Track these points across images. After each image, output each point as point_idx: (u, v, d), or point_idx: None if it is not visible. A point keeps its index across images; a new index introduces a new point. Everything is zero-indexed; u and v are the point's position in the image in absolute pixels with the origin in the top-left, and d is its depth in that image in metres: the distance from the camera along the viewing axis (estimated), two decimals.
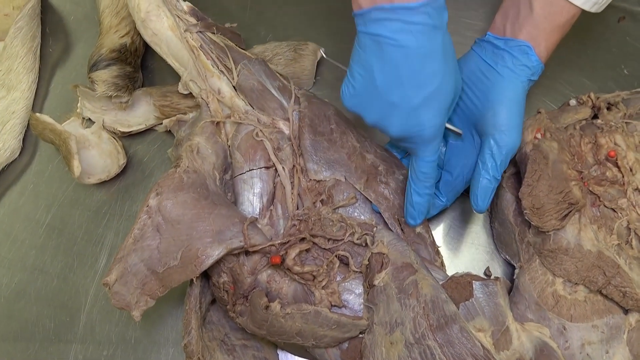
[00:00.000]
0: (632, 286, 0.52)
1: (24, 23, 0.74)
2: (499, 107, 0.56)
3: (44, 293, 0.66)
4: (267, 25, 0.78)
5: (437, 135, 0.53)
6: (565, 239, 0.54)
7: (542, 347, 0.52)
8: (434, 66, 0.49)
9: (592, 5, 0.56)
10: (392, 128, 0.52)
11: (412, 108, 0.50)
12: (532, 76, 0.57)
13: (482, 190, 0.57)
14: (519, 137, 0.56)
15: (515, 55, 0.56)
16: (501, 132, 0.56)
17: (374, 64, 0.50)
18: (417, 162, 0.55)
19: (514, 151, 0.57)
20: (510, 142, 0.56)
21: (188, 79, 0.65)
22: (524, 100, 0.57)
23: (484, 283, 0.53)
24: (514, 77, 0.56)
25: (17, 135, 0.72)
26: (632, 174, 0.57)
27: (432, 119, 0.51)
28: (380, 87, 0.50)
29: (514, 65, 0.56)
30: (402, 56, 0.48)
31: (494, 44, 0.58)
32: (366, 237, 0.57)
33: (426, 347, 0.49)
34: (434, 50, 0.49)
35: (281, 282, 0.56)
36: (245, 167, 0.60)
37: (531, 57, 0.56)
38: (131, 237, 0.54)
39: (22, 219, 0.70)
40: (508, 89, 0.56)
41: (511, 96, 0.56)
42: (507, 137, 0.55)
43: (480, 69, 0.59)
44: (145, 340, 0.64)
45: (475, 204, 0.57)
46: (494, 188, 0.57)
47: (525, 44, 0.56)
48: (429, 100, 0.50)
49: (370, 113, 0.53)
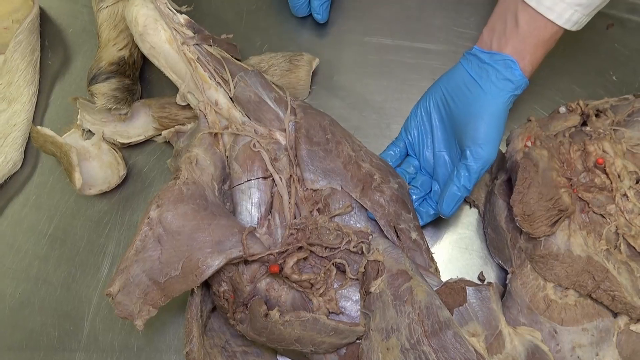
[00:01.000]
0: (620, 290, 0.53)
1: (24, 37, 0.75)
2: (478, 121, 0.58)
3: (47, 303, 0.67)
4: (263, 36, 0.80)
5: None
6: (555, 244, 0.56)
7: (534, 350, 0.53)
8: None
9: (572, 25, 0.57)
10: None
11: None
12: (515, 90, 0.58)
13: (450, 197, 0.59)
14: (494, 151, 0.58)
15: (498, 69, 0.58)
16: (477, 145, 0.58)
17: None
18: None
19: (488, 164, 0.58)
20: (484, 155, 0.58)
21: (186, 91, 0.66)
22: (504, 115, 0.59)
23: (477, 289, 0.55)
24: (496, 92, 0.58)
25: (18, 148, 0.73)
26: (620, 181, 0.58)
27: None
28: None
29: (497, 80, 0.58)
30: None
31: (479, 58, 0.60)
32: (362, 245, 0.58)
33: (421, 352, 0.51)
34: None
35: (280, 290, 0.57)
36: (243, 178, 0.62)
37: (515, 72, 0.57)
38: (133, 248, 0.55)
39: (24, 230, 0.71)
40: (489, 104, 0.58)
41: (491, 111, 0.58)
42: (482, 150, 0.57)
43: (465, 83, 0.60)
44: (148, 348, 0.65)
45: (441, 207, 0.60)
46: (461, 197, 0.59)
47: (510, 58, 0.57)
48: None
49: None
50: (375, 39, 0.79)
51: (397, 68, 0.77)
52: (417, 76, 0.76)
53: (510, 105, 0.59)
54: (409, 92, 0.75)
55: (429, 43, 0.78)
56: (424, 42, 0.78)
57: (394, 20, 0.80)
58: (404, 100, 0.75)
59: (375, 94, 0.76)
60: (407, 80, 0.76)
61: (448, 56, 0.77)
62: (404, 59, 0.78)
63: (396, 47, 0.78)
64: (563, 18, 0.56)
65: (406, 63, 0.77)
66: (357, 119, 0.75)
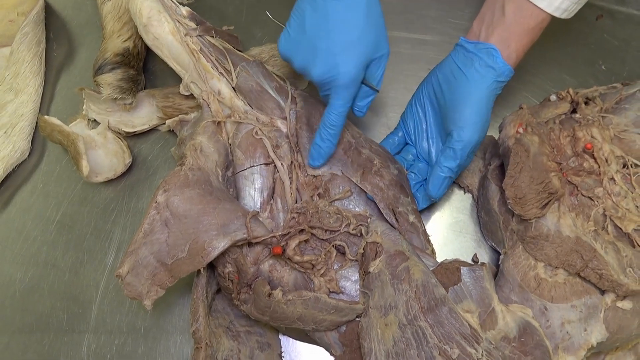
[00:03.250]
0: (607, 269, 0.55)
1: (30, 29, 0.77)
2: (461, 106, 0.60)
3: (56, 287, 0.69)
4: (263, 28, 0.81)
5: (350, 85, 0.58)
6: (545, 226, 0.58)
7: (525, 326, 0.56)
8: (356, 18, 0.56)
9: (562, 12, 0.59)
10: (314, 71, 0.58)
11: (332, 53, 0.57)
12: (499, 77, 0.60)
13: (435, 179, 0.62)
14: (476, 134, 0.60)
15: (482, 57, 0.60)
16: (459, 127, 0.60)
17: (307, 11, 0.57)
18: (329, 110, 0.60)
19: (470, 146, 0.60)
20: (465, 137, 0.60)
21: (189, 81, 0.68)
22: (487, 100, 0.61)
23: (471, 268, 0.57)
24: (479, 79, 0.60)
25: (26, 137, 0.75)
26: (608, 165, 0.61)
27: (348, 66, 0.57)
28: (309, 32, 0.57)
29: (479, 67, 0.60)
30: (330, 5, 0.56)
31: (465, 48, 0.62)
32: (361, 227, 0.60)
33: (418, 327, 0.53)
34: (358, 4, 0.56)
35: (282, 271, 0.59)
36: (246, 164, 0.64)
37: (497, 59, 0.60)
38: (141, 231, 0.57)
39: (33, 216, 0.73)
40: (472, 89, 0.60)
41: (474, 96, 0.60)
42: (464, 132, 0.60)
43: (452, 72, 0.62)
44: (155, 328, 0.67)
45: (428, 190, 0.63)
46: (448, 178, 0.62)
47: (492, 47, 0.60)
48: (348, 48, 0.57)
49: (297, 57, 0.60)
50: None
51: (394, 58, 0.78)
52: (414, 66, 0.78)
53: (495, 91, 0.61)
54: (406, 82, 0.77)
55: (424, 34, 0.80)
56: (419, 33, 0.80)
57: (391, 12, 0.81)
58: (400, 90, 0.77)
59: None
60: (404, 70, 0.78)
61: (443, 47, 0.79)
62: (400, 49, 0.80)
63: (393, 38, 0.79)
64: (553, 6, 0.58)
65: (403, 54, 0.79)
66: None
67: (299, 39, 0.59)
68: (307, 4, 0.57)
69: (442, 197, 0.65)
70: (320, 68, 0.58)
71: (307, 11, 0.57)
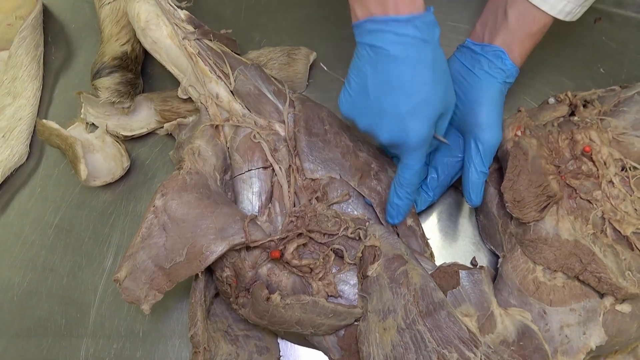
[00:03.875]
0: (606, 272, 0.55)
1: (28, 32, 0.77)
2: (478, 107, 0.60)
3: (54, 291, 0.69)
4: (261, 31, 0.81)
5: (422, 145, 0.55)
6: (544, 229, 0.58)
7: (524, 330, 0.56)
8: (422, 77, 0.52)
9: (566, 15, 0.59)
10: (381, 134, 0.55)
11: (400, 116, 0.53)
12: (508, 78, 0.60)
13: (473, 185, 0.61)
14: (499, 133, 0.60)
15: (490, 59, 0.60)
16: (482, 130, 0.60)
17: (368, 72, 0.53)
18: (402, 169, 0.57)
19: (497, 146, 0.61)
20: (491, 139, 0.60)
21: (187, 85, 0.68)
22: (502, 100, 0.61)
23: (470, 272, 0.57)
24: (491, 79, 0.60)
25: (24, 141, 0.75)
26: (606, 168, 0.61)
27: (418, 127, 0.53)
28: (372, 94, 0.53)
29: (489, 68, 0.60)
30: (393, 66, 0.51)
31: (472, 49, 0.62)
32: (359, 231, 0.60)
33: (416, 331, 0.53)
34: (423, 62, 0.52)
35: (280, 275, 0.59)
36: (244, 168, 0.64)
37: (505, 61, 0.60)
38: (139, 235, 0.57)
39: (31, 220, 0.73)
40: (486, 89, 0.60)
41: (489, 96, 0.60)
42: (488, 134, 0.60)
43: (460, 73, 0.62)
44: (153, 333, 0.67)
45: (469, 199, 0.62)
46: (483, 181, 0.61)
47: (500, 49, 0.60)
48: (416, 109, 0.52)
49: (362, 119, 0.56)
50: None
51: None
52: None
53: (505, 91, 0.61)
54: None
55: None
56: None
57: None
58: None
59: None
60: None
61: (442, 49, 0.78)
62: None
63: None
64: (556, 9, 0.58)
65: None
66: None
67: (362, 99, 0.55)
68: (367, 64, 0.53)
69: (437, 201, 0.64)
70: (389, 132, 0.54)
71: (368, 72, 0.53)
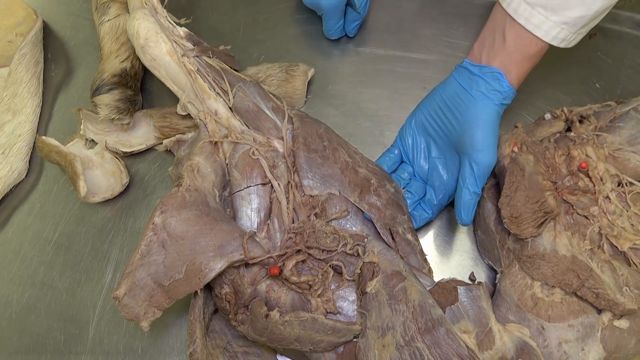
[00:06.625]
0: (604, 288, 0.56)
1: (28, 49, 0.77)
2: (474, 129, 0.60)
3: (53, 307, 0.69)
4: (260, 47, 0.82)
5: (334, 10, 0.73)
6: (541, 245, 0.58)
7: (522, 346, 0.56)
8: None
9: (560, 41, 0.59)
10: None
11: None
12: (504, 100, 0.61)
13: (465, 205, 0.61)
14: (494, 155, 0.61)
15: (488, 80, 0.61)
16: (478, 151, 0.60)
17: None
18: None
19: (491, 168, 0.61)
20: (486, 160, 0.60)
21: (186, 101, 0.68)
22: (497, 121, 0.61)
23: (468, 288, 0.57)
24: (487, 101, 0.60)
25: (23, 157, 0.75)
26: (603, 183, 0.61)
27: None
28: None
29: (487, 90, 0.61)
30: None
31: (469, 70, 0.63)
32: (358, 247, 0.61)
33: (415, 348, 0.53)
34: None
35: (279, 292, 0.59)
36: (243, 184, 0.64)
37: (502, 83, 0.60)
38: (138, 252, 0.57)
39: (30, 237, 0.73)
40: (482, 111, 0.60)
41: (485, 118, 0.60)
42: (483, 155, 0.60)
43: (457, 93, 0.63)
44: (152, 349, 0.67)
45: (460, 218, 0.62)
46: (475, 202, 0.62)
47: (497, 71, 0.60)
48: None
49: None
50: (369, 49, 0.82)
51: (389, 77, 0.80)
52: (409, 85, 0.79)
53: (501, 112, 0.62)
54: (401, 100, 0.78)
55: (420, 53, 0.81)
56: (415, 52, 0.81)
57: (387, 32, 0.82)
58: (396, 108, 0.78)
59: (369, 103, 0.79)
60: (399, 89, 0.79)
61: (438, 65, 0.80)
62: (396, 68, 0.80)
63: (389, 57, 0.81)
64: (550, 35, 0.59)
65: (398, 72, 0.80)
66: (351, 126, 0.77)
67: None
68: None
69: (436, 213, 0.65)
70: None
71: None
